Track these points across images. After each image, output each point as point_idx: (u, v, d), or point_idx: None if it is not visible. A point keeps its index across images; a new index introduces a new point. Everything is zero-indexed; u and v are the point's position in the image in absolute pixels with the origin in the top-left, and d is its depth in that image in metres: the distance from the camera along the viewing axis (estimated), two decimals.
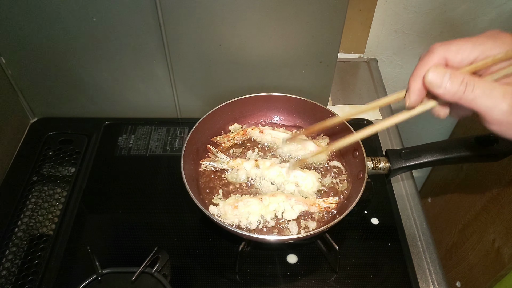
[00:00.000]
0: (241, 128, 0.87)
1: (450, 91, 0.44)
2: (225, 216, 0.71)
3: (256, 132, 0.85)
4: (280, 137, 0.84)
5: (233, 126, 0.87)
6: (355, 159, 0.78)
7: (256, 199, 0.72)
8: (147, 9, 0.75)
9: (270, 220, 0.72)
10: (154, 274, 0.66)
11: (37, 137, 0.93)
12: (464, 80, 0.43)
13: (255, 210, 0.71)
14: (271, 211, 0.72)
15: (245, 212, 0.70)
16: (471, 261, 1.12)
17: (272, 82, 0.92)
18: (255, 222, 0.71)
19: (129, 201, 0.82)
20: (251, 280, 0.70)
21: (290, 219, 0.72)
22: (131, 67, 0.86)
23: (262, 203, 0.72)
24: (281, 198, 0.72)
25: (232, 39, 0.82)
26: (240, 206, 0.71)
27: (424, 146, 0.75)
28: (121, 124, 0.96)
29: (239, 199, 0.73)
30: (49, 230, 0.76)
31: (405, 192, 0.86)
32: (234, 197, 0.74)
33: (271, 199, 0.72)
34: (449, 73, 0.44)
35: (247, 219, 0.70)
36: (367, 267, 0.72)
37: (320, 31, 0.81)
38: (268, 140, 0.85)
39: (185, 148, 0.75)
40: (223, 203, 0.72)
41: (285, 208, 0.72)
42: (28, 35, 0.79)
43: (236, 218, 0.70)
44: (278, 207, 0.72)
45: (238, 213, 0.70)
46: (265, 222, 0.72)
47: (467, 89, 0.43)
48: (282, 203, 0.72)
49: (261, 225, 0.71)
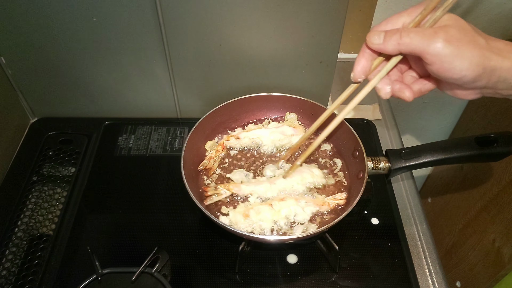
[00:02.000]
0: (216, 143, 0.84)
1: (389, 41, 0.49)
2: (237, 225, 0.69)
3: (232, 140, 0.84)
4: (257, 135, 0.83)
5: (208, 144, 0.83)
6: (355, 159, 0.78)
7: (267, 206, 0.71)
8: (147, 9, 0.75)
9: (284, 225, 0.70)
10: (154, 274, 0.66)
11: (37, 137, 0.93)
12: (399, 30, 0.49)
13: (267, 217, 0.70)
14: (283, 216, 0.71)
15: (257, 220, 0.70)
16: (471, 261, 1.12)
17: (272, 82, 0.92)
18: (269, 229, 0.70)
19: (129, 201, 0.82)
20: (251, 280, 0.70)
21: (304, 222, 0.71)
22: (131, 67, 0.86)
23: (273, 209, 0.71)
24: (291, 202, 0.72)
25: (232, 39, 0.82)
26: (251, 214, 0.70)
27: (424, 146, 0.75)
28: (121, 124, 0.96)
29: (248, 206, 0.72)
30: (49, 230, 0.76)
31: (405, 192, 0.86)
32: (242, 205, 0.73)
33: (281, 204, 0.71)
34: (386, 31, 0.50)
35: (260, 226, 0.69)
36: (367, 267, 0.72)
37: (320, 31, 0.81)
38: (246, 143, 0.84)
39: (185, 148, 0.75)
40: (233, 212, 0.71)
41: (297, 211, 0.71)
42: (28, 35, 0.79)
43: (249, 227, 0.69)
44: (290, 211, 0.71)
45: (250, 222, 0.69)
46: (279, 227, 0.71)
47: (402, 35, 0.48)
48: (293, 206, 0.71)
49: (274, 232, 0.70)
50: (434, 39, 0.46)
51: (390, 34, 0.49)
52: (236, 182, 0.77)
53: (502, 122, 1.08)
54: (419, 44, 0.47)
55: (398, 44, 0.48)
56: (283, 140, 0.83)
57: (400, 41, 0.48)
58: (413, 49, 0.48)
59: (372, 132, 0.96)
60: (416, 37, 0.47)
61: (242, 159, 0.83)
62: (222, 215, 0.72)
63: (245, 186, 0.75)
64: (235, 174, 0.79)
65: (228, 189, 0.75)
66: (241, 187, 0.75)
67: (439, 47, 0.46)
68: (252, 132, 0.85)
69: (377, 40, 0.51)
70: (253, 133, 0.85)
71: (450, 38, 0.46)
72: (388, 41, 0.49)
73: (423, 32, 0.47)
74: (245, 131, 0.85)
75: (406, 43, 0.48)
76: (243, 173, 0.79)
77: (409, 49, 0.48)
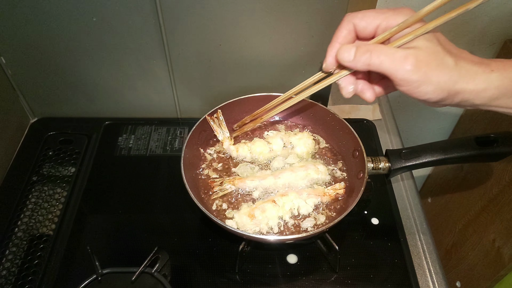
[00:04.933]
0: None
1: (359, 60, 0.50)
2: (245, 227, 0.69)
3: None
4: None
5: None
6: (355, 159, 0.78)
7: (270, 203, 0.72)
8: (147, 9, 0.75)
9: (289, 220, 0.72)
10: (154, 274, 0.66)
11: (37, 137, 0.93)
12: (369, 49, 0.49)
13: (273, 214, 0.71)
14: (287, 210, 0.72)
15: (263, 218, 0.70)
16: (471, 261, 1.12)
17: (272, 82, 0.92)
18: (276, 225, 0.70)
19: (129, 201, 0.82)
20: (251, 280, 0.70)
21: (307, 214, 0.72)
22: (131, 67, 0.86)
23: (277, 205, 0.71)
24: (293, 196, 0.72)
25: (232, 39, 0.82)
26: (257, 214, 0.70)
27: (424, 146, 0.75)
28: (121, 124, 0.96)
29: (252, 206, 0.72)
30: (49, 230, 0.76)
31: (405, 192, 0.86)
32: (245, 205, 0.74)
33: (284, 199, 0.72)
34: (356, 46, 0.50)
35: (267, 224, 0.70)
36: (367, 267, 0.72)
37: (320, 31, 0.81)
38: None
39: (185, 148, 0.75)
40: (238, 214, 0.71)
41: (300, 204, 0.72)
42: (28, 35, 0.79)
43: (256, 227, 0.70)
44: (293, 205, 0.72)
45: (257, 221, 0.70)
46: (285, 222, 0.71)
47: (372, 55, 0.48)
48: (296, 200, 0.72)
49: (282, 227, 0.71)
50: (403, 65, 0.46)
51: (361, 53, 0.49)
52: (242, 176, 0.78)
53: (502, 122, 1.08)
54: (388, 67, 0.48)
55: (368, 64, 0.49)
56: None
57: (370, 61, 0.49)
58: (382, 71, 0.48)
59: (372, 132, 0.96)
60: (386, 60, 0.47)
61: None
62: (228, 219, 0.72)
63: (250, 181, 0.76)
64: (241, 167, 0.79)
65: (233, 184, 0.76)
66: (246, 182, 0.76)
67: (408, 73, 0.47)
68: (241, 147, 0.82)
69: (347, 57, 0.51)
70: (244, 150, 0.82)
71: (419, 63, 0.46)
72: (358, 60, 0.50)
73: (393, 56, 0.47)
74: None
75: (375, 64, 0.48)
76: (249, 166, 0.80)
77: (378, 70, 0.49)
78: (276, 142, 0.82)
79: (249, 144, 0.82)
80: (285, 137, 0.84)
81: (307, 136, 0.83)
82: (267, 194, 0.76)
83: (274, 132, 0.86)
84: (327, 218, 0.73)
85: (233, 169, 0.80)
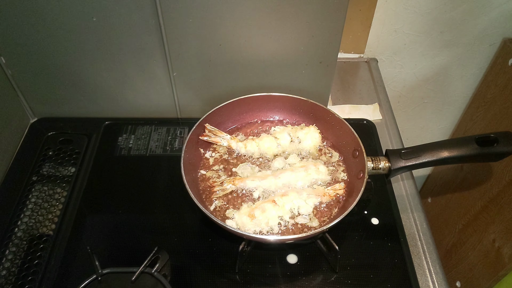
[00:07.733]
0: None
1: None
2: (245, 227, 0.70)
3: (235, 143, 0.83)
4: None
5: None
6: (355, 159, 0.78)
7: (270, 203, 0.72)
8: (147, 9, 0.75)
9: (289, 219, 0.72)
10: (154, 274, 0.66)
11: (37, 137, 0.93)
12: None
13: (273, 214, 0.71)
14: (287, 210, 0.72)
15: (264, 218, 0.70)
16: (471, 261, 1.12)
17: (272, 82, 0.92)
18: (276, 225, 0.71)
19: (129, 201, 0.82)
20: (251, 280, 0.70)
21: (307, 214, 0.72)
22: (131, 67, 0.86)
23: (277, 205, 0.72)
24: (293, 196, 0.73)
25: (232, 39, 0.82)
26: (257, 214, 0.70)
27: (424, 146, 0.75)
28: (121, 124, 0.96)
29: (252, 206, 0.73)
30: (49, 230, 0.76)
31: (405, 192, 0.86)
32: (245, 205, 0.74)
33: (284, 199, 0.72)
34: None
35: (267, 224, 0.70)
36: (367, 267, 0.72)
37: (320, 31, 0.81)
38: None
39: (185, 148, 0.75)
40: (238, 214, 0.71)
41: (300, 204, 0.72)
42: (28, 35, 0.79)
43: (257, 227, 0.70)
44: (293, 205, 0.72)
45: (257, 221, 0.70)
46: (285, 222, 0.72)
47: None
48: (296, 200, 0.72)
49: (282, 227, 0.71)
50: None
51: None
52: (242, 176, 0.78)
53: (502, 122, 1.08)
54: None
55: None
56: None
57: None
58: None
59: (372, 132, 0.96)
60: None
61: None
62: (228, 219, 0.72)
63: (250, 181, 0.76)
64: (241, 167, 0.79)
65: (233, 184, 0.76)
66: (246, 182, 0.76)
67: None
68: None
69: None
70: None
71: None
72: None
73: None
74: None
75: None
76: (249, 166, 0.80)
77: None
78: (283, 137, 0.83)
79: (257, 140, 0.83)
80: (292, 132, 0.84)
81: (314, 130, 0.84)
82: (267, 194, 0.76)
83: (281, 127, 0.86)
84: (328, 219, 0.73)
85: (233, 169, 0.80)
